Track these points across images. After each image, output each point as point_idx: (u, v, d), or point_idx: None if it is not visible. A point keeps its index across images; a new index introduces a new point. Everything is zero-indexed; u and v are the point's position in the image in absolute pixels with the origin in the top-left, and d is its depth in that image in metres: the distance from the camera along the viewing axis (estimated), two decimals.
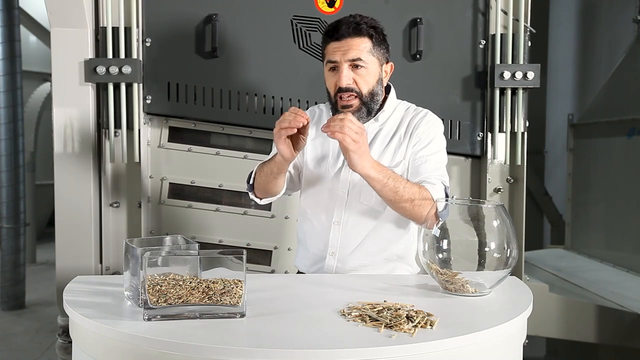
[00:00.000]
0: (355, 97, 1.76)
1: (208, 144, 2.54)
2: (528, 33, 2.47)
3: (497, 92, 2.46)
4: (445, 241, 1.50)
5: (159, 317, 1.28)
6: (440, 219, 1.57)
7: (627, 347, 2.99)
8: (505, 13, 2.47)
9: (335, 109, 1.80)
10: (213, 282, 1.30)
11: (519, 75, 2.42)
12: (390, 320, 1.25)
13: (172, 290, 1.28)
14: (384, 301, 1.39)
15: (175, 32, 2.46)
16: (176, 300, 1.28)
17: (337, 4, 2.44)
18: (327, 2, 2.44)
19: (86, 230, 2.44)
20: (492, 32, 2.47)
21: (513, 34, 2.46)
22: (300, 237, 1.97)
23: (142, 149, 2.46)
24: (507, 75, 2.42)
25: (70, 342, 1.69)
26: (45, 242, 6.97)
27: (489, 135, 2.50)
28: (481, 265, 1.49)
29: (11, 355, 3.94)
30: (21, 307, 4.94)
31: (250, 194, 1.92)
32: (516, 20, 2.46)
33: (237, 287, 1.29)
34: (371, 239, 1.84)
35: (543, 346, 3.90)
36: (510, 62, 2.45)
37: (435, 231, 1.51)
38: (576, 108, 5.73)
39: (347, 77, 1.74)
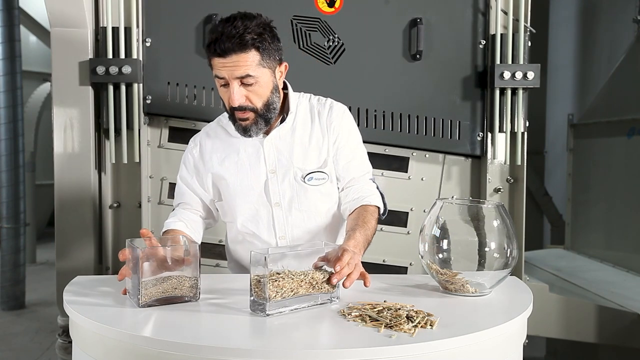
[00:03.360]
0: (250, 111, 1.67)
1: None
2: (528, 33, 2.47)
3: (497, 92, 2.46)
4: (445, 241, 1.50)
5: (278, 311, 1.32)
6: (381, 216, 1.81)
7: (627, 347, 2.99)
8: (505, 13, 2.47)
9: (234, 121, 1.71)
10: (316, 273, 1.39)
11: (519, 75, 2.42)
12: (390, 320, 1.25)
13: (287, 284, 1.33)
14: (384, 301, 1.39)
15: (175, 32, 2.46)
16: (289, 294, 1.33)
17: (337, 4, 2.44)
18: (327, 2, 2.44)
19: (86, 230, 2.44)
20: (492, 32, 2.47)
21: (513, 34, 2.46)
22: (236, 259, 1.89)
23: (142, 149, 2.46)
24: (507, 75, 2.42)
25: (70, 342, 1.69)
26: (45, 242, 6.98)
27: (489, 135, 2.50)
28: (481, 265, 1.49)
29: (11, 355, 3.94)
30: (21, 307, 4.94)
31: None
32: (516, 20, 2.46)
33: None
34: (320, 239, 1.80)
35: (543, 346, 3.90)
36: (510, 62, 2.45)
37: (435, 231, 1.51)
38: (576, 108, 5.73)
39: (238, 96, 1.63)
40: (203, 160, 1.82)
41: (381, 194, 1.83)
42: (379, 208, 1.80)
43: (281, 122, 1.78)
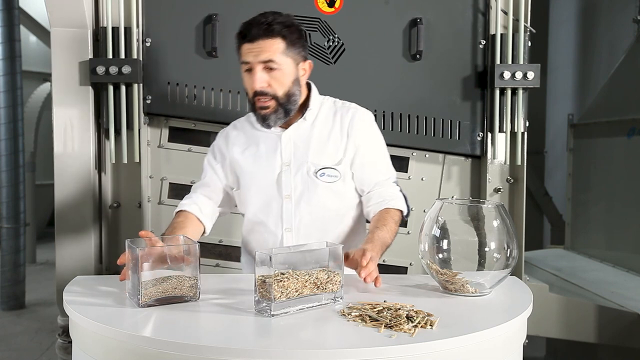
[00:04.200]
0: (271, 99, 1.74)
1: (208, 144, 2.52)
2: (528, 33, 2.47)
3: (497, 92, 2.46)
4: (445, 241, 1.50)
5: (284, 311, 1.32)
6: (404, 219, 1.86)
7: (627, 347, 2.99)
8: (505, 13, 2.47)
9: (254, 110, 1.78)
10: (320, 273, 1.38)
11: (519, 75, 2.42)
12: (390, 320, 1.25)
13: (292, 285, 1.33)
14: (384, 301, 1.39)
15: (175, 32, 2.46)
16: (294, 294, 1.33)
17: (337, 4, 2.44)
18: (327, 2, 2.44)
19: (86, 230, 2.44)
20: (492, 32, 2.47)
21: (513, 34, 2.46)
22: (248, 250, 1.93)
23: (142, 149, 2.46)
24: (507, 75, 2.42)
25: (70, 342, 1.69)
26: (45, 242, 6.97)
27: (489, 135, 2.50)
28: (481, 265, 1.49)
29: (11, 355, 3.94)
30: (21, 307, 4.94)
31: None
32: (516, 20, 2.46)
33: (337, 275, 1.41)
34: (326, 240, 1.80)
35: (543, 346, 3.90)
36: (510, 62, 2.45)
37: (435, 231, 1.51)
38: (576, 108, 5.74)
39: (260, 80, 1.71)
40: (227, 148, 1.90)
41: (404, 196, 1.86)
42: (402, 211, 1.84)
43: (302, 117, 1.84)
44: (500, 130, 2.48)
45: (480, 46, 2.49)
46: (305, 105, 1.84)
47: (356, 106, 1.89)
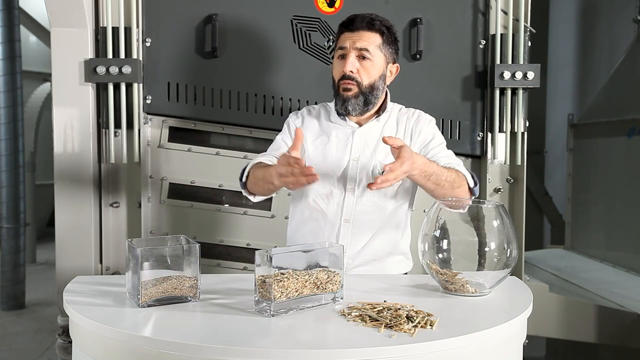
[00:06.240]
0: (355, 84, 1.83)
1: (208, 144, 2.54)
2: (528, 33, 2.47)
3: (497, 92, 2.46)
4: (445, 241, 1.50)
5: (283, 311, 1.32)
6: (473, 195, 1.81)
7: (627, 347, 2.99)
8: (505, 13, 2.47)
9: (337, 95, 1.85)
10: (320, 273, 1.39)
11: (519, 75, 2.42)
12: (390, 320, 1.25)
13: (292, 285, 1.33)
14: (384, 301, 1.40)
15: (175, 32, 2.46)
16: (294, 294, 1.33)
17: (337, 4, 2.44)
18: (327, 2, 2.44)
19: (86, 230, 2.44)
20: (492, 32, 2.47)
21: (513, 34, 2.46)
22: (299, 239, 1.95)
23: (142, 149, 2.46)
24: (507, 75, 2.42)
25: (70, 342, 1.69)
26: (45, 242, 6.97)
27: (489, 135, 2.50)
28: (481, 265, 1.49)
29: (11, 355, 3.94)
30: (21, 307, 4.94)
31: (243, 191, 1.91)
32: (516, 20, 2.46)
33: (337, 275, 1.41)
34: (380, 234, 1.88)
35: (543, 346, 3.90)
36: (510, 62, 2.45)
37: (435, 231, 1.51)
38: (576, 108, 5.74)
39: (352, 65, 1.81)
40: (302, 128, 1.94)
41: (471, 174, 1.84)
42: (468, 184, 1.81)
43: (376, 117, 1.91)
44: (500, 130, 2.48)
45: (480, 46, 2.49)
46: (381, 108, 1.93)
47: (420, 111, 1.98)
